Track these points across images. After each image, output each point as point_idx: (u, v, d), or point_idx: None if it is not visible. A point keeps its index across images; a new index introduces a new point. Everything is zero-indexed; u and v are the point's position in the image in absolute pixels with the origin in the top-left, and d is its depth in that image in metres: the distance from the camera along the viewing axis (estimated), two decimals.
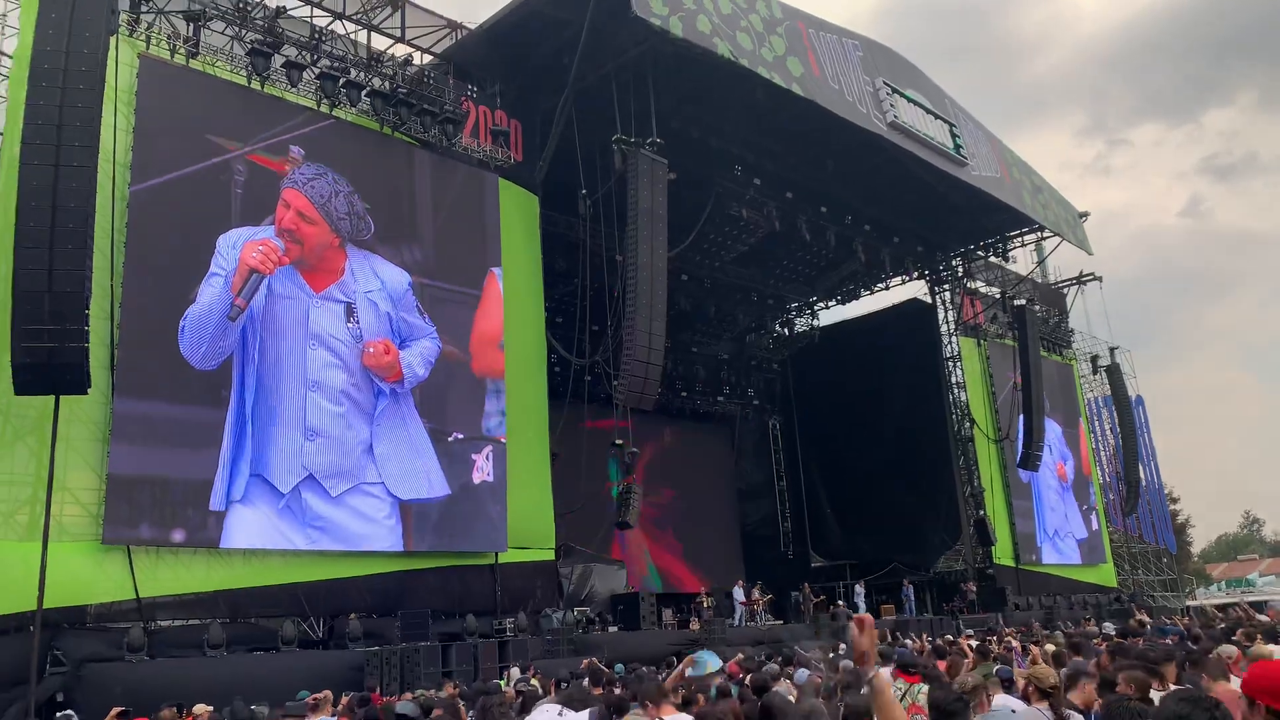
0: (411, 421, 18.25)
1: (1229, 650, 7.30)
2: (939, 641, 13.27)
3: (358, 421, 17.36)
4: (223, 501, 15.33)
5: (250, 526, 15.60)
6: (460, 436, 19.05)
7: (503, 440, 19.68)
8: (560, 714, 3.04)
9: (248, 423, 15.91)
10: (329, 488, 16.60)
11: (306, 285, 17.20)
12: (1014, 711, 3.75)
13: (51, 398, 12.89)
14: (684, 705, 5.84)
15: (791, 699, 6.38)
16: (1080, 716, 5.57)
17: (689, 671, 6.96)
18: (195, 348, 15.53)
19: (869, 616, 3.12)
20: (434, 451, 18.40)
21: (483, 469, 19.27)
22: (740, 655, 11.31)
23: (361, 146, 18.72)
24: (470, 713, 8.24)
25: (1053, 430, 34.24)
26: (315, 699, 8.40)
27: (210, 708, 8.75)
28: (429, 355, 18.83)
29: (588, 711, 3.14)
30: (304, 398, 16.66)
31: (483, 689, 8.69)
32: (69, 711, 9.99)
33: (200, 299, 15.73)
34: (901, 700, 7.26)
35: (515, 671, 14.55)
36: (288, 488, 16.06)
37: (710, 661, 7.71)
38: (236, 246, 16.33)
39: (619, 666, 13.45)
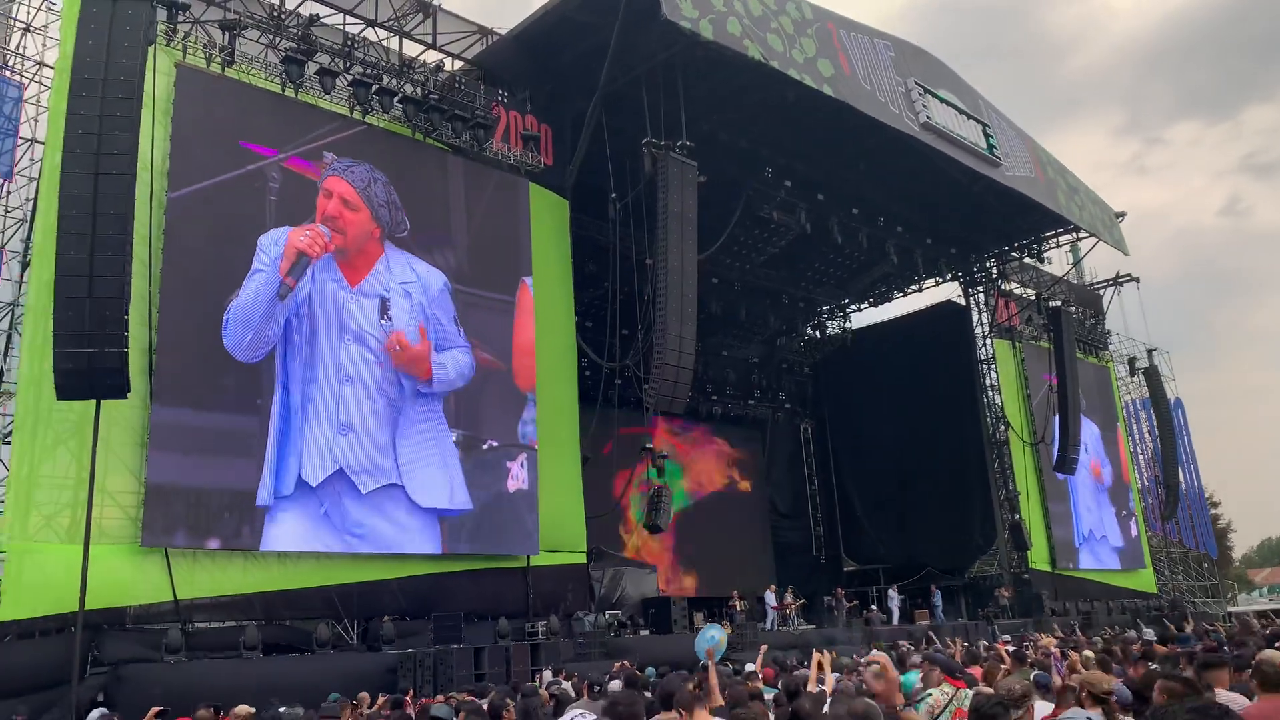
0: (438, 430, 18.24)
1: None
2: (973, 648, 13.10)
3: (388, 419, 17.48)
4: (269, 497, 15.54)
5: (287, 530, 15.75)
6: (495, 444, 19.13)
7: (535, 446, 19.75)
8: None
9: (293, 415, 16.13)
10: (359, 484, 16.71)
11: (343, 278, 17.39)
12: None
13: (92, 402, 13.10)
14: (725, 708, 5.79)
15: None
16: None
17: (715, 659, 6.92)
18: (240, 338, 15.75)
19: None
20: (459, 463, 18.37)
21: (518, 476, 19.32)
22: (764, 647, 11.24)
23: (394, 152, 18.87)
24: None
25: (1089, 433, 33.76)
26: (349, 701, 8.45)
27: (251, 709, 8.83)
28: (462, 366, 18.88)
29: None
30: (337, 392, 16.80)
31: (521, 689, 8.68)
32: (103, 709, 10.13)
33: (244, 290, 15.99)
34: (948, 705, 7.18)
35: (547, 674, 14.57)
36: (317, 481, 16.17)
37: (714, 633, 7.72)
38: (279, 243, 16.61)
39: (650, 670, 13.42)
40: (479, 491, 18.53)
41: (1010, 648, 12.09)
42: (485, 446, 18.95)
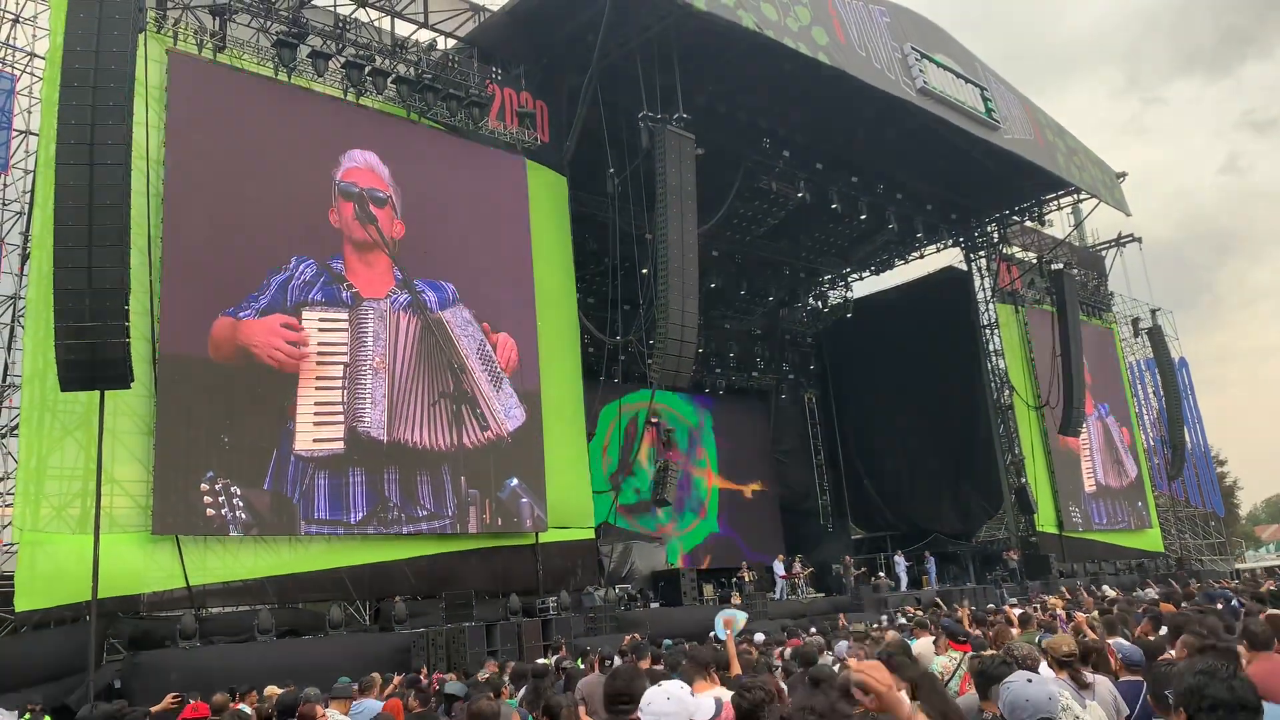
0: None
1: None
2: (980, 611, 13.18)
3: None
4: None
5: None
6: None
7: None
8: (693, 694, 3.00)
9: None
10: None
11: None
12: (1029, 681, 3.70)
13: (97, 393, 13.15)
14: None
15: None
16: (1106, 680, 5.52)
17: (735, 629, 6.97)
18: None
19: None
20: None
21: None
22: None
23: (394, 133, 18.72)
24: (521, 691, 8.35)
25: (1094, 394, 33.79)
26: (362, 682, 8.54)
27: (280, 689, 8.95)
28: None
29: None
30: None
31: (532, 670, 8.76)
32: (121, 700, 10.22)
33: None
34: (956, 671, 7.24)
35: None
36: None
37: (737, 616, 7.80)
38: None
39: (667, 642, 13.54)
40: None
41: (1017, 610, 12.18)
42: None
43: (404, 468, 17.45)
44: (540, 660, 10.92)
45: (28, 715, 9.79)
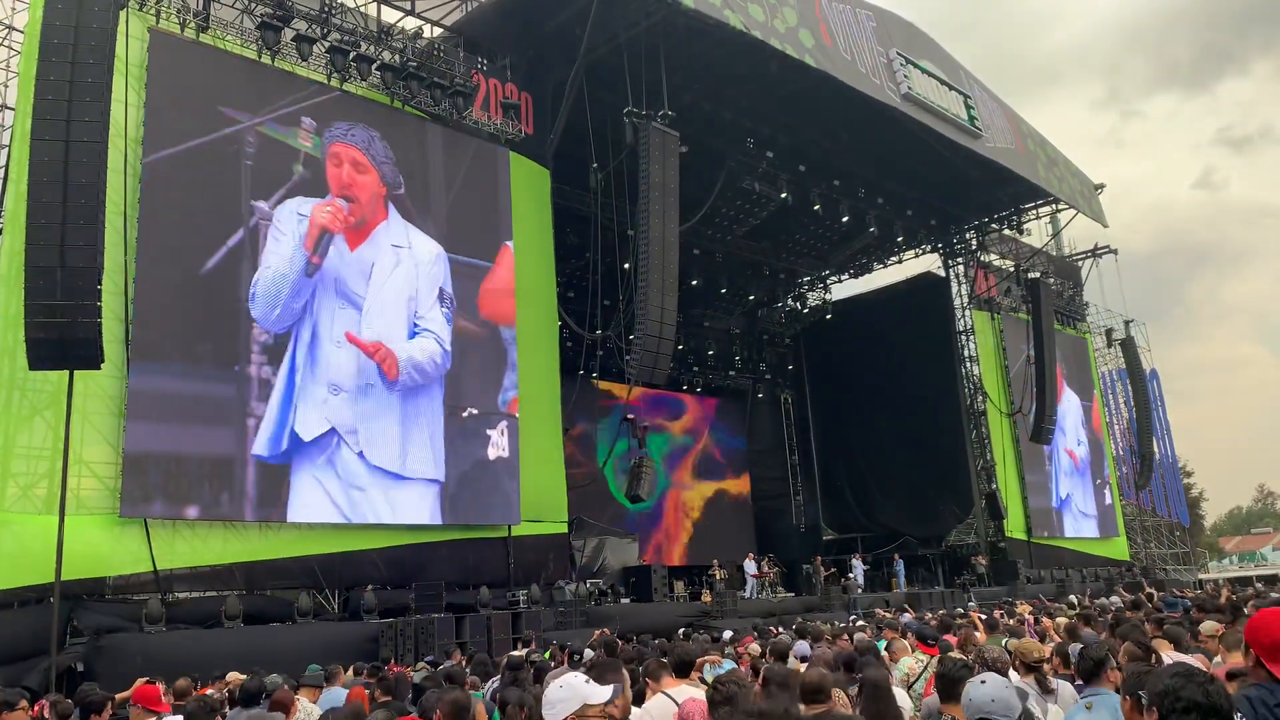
0: (425, 399, 18.28)
1: (1209, 626, 7.32)
2: (948, 615, 13.30)
3: (376, 382, 17.56)
4: (266, 448, 15.78)
5: (301, 494, 16.01)
6: (475, 412, 19.07)
7: (517, 415, 19.75)
8: (587, 682, 3.08)
9: (295, 375, 16.37)
10: (350, 443, 16.88)
11: (345, 243, 17.59)
12: (983, 682, 3.80)
13: (66, 373, 12.98)
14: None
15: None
16: (1070, 686, 5.60)
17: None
18: (269, 311, 16.22)
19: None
20: (442, 434, 18.34)
21: (498, 444, 19.32)
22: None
23: (373, 119, 18.66)
24: (492, 682, 8.34)
25: (1066, 404, 34.13)
26: (328, 670, 8.49)
27: (243, 676, 8.87)
28: (432, 355, 18.61)
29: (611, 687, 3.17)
30: (329, 354, 16.94)
31: (508, 662, 8.72)
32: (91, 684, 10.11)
33: (269, 264, 16.33)
34: (923, 673, 7.30)
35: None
36: (310, 437, 16.38)
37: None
38: (300, 216, 16.91)
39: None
40: (459, 460, 18.54)
41: (982, 615, 12.29)
42: (465, 415, 18.91)
43: None
44: (515, 653, 10.88)
45: None
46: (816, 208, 28.10)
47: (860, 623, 14.74)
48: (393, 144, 18.83)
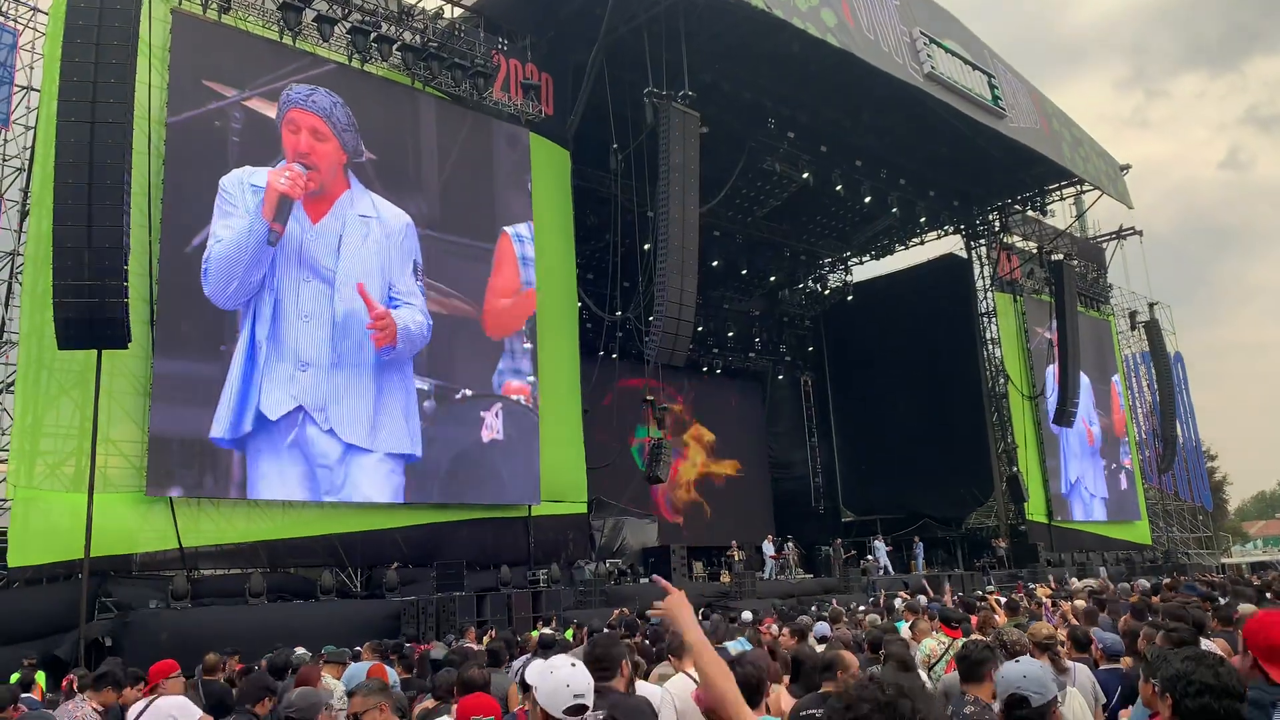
0: (401, 376, 17.83)
1: (1247, 609, 7.29)
2: (968, 598, 13.30)
3: (346, 357, 17.05)
4: (226, 430, 15.26)
5: (269, 474, 15.68)
6: (469, 394, 18.81)
7: (513, 397, 19.54)
8: (573, 665, 3.07)
9: (256, 352, 15.88)
10: (319, 420, 16.40)
11: (306, 215, 16.92)
12: (1017, 662, 3.85)
13: (94, 352, 13.16)
14: None
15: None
16: (1086, 669, 5.61)
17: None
18: (223, 287, 15.59)
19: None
20: (418, 407, 17.89)
21: (492, 426, 19.01)
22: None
23: (341, 85, 17.98)
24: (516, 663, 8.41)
25: (1086, 387, 33.88)
26: (351, 651, 8.61)
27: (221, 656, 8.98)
28: (421, 327, 18.27)
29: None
30: (297, 329, 16.43)
31: (541, 640, 8.79)
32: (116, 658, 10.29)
33: (221, 237, 15.70)
34: (944, 655, 7.32)
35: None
36: (277, 415, 15.90)
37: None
38: (253, 186, 16.27)
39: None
40: (450, 442, 18.23)
41: (1001, 598, 12.28)
42: (458, 396, 18.64)
43: None
44: (546, 630, 10.95)
45: (18, 672, 9.86)
46: (838, 189, 27.91)
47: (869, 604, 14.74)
48: (371, 112, 18.23)
